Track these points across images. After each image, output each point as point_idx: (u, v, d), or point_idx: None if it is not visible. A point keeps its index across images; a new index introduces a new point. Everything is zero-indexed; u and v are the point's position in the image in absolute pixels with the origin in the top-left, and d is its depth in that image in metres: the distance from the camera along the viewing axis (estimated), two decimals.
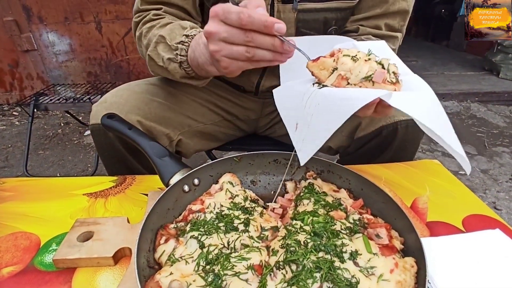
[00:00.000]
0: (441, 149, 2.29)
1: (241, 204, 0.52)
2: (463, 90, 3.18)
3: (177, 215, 0.54)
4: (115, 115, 0.67)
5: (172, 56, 0.65)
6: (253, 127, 1.06)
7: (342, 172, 0.60)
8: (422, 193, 0.65)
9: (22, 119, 2.82)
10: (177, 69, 0.66)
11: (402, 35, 0.81)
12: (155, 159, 0.58)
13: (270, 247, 0.46)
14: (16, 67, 2.90)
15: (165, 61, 0.67)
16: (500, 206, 1.69)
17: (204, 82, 0.72)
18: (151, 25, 0.72)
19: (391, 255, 0.42)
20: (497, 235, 0.54)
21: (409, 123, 0.74)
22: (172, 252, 0.44)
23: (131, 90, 0.80)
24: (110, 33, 2.73)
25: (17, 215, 0.62)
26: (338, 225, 0.46)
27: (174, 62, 0.66)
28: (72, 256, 0.49)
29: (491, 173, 2.00)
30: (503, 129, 2.61)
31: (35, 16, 2.64)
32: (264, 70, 0.88)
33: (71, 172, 2.07)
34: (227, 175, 0.59)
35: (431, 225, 0.58)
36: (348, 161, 0.85)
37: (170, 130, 0.81)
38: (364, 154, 0.81)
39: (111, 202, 0.65)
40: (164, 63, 0.67)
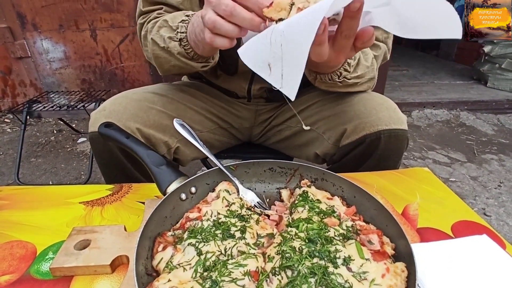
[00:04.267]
0: (432, 157, 2.33)
1: (237, 212, 0.53)
2: (453, 98, 3.26)
3: (174, 223, 0.54)
4: (112, 124, 0.68)
5: (173, 34, 0.68)
6: (247, 136, 1.08)
7: (336, 180, 0.61)
8: (412, 200, 0.67)
9: (14, 126, 2.79)
10: (176, 47, 0.68)
11: (387, 48, 0.83)
12: (152, 168, 0.59)
13: (266, 254, 0.47)
14: (9, 74, 2.89)
15: (166, 40, 0.70)
16: (489, 212, 1.73)
17: (204, 65, 0.73)
18: (156, 21, 0.75)
19: (382, 261, 0.43)
20: (484, 240, 0.56)
21: (391, 133, 0.76)
22: (170, 259, 0.45)
23: (130, 98, 0.81)
24: (105, 41, 2.74)
25: (12, 223, 0.62)
26: (331, 232, 0.48)
27: (174, 41, 0.68)
28: (69, 264, 0.49)
29: (480, 180, 2.04)
30: (492, 137, 2.67)
31: (30, 23, 2.64)
32: (253, 76, 0.90)
33: (64, 180, 2.05)
34: (223, 183, 0.60)
35: (422, 231, 0.60)
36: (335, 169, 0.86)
37: (168, 138, 0.82)
38: (349, 162, 0.83)
39: (108, 210, 0.66)
40: (165, 42, 0.70)
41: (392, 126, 0.76)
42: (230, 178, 0.62)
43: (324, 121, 0.86)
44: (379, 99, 0.81)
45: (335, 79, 0.73)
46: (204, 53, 0.68)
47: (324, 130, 0.86)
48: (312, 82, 0.80)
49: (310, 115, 0.90)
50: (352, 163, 0.83)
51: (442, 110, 3.11)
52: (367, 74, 0.78)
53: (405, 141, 0.79)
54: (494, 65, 3.54)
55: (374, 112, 0.77)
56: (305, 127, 0.79)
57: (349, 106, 0.81)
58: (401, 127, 0.77)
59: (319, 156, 0.90)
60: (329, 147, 0.85)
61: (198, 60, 0.71)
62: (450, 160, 2.29)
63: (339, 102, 0.83)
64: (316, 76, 0.76)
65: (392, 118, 0.77)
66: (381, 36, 0.81)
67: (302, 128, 0.92)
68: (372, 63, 0.78)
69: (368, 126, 0.76)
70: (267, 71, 0.46)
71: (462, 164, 2.23)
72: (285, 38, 0.43)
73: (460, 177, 2.07)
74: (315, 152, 0.90)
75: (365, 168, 0.81)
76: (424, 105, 3.17)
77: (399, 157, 0.82)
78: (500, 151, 2.41)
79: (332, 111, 0.84)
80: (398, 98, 3.30)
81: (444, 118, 3.00)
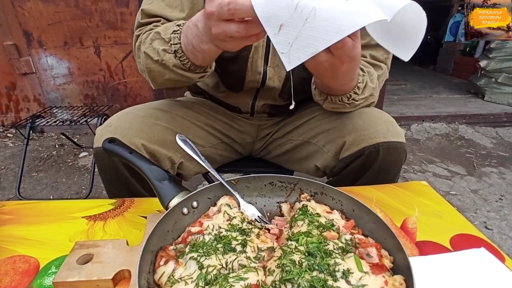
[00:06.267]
0: (431, 170, 2.34)
1: (238, 226, 0.54)
2: (451, 112, 3.29)
3: (176, 237, 0.55)
4: (116, 139, 0.70)
5: (167, 47, 0.67)
6: (248, 150, 1.09)
7: (335, 194, 0.62)
8: (411, 214, 0.68)
9: (16, 141, 2.82)
10: (171, 59, 0.67)
11: (387, 67, 0.86)
12: (155, 183, 0.60)
13: (266, 267, 0.47)
14: (13, 89, 2.94)
15: (160, 53, 0.68)
16: (491, 225, 1.72)
17: (202, 76, 0.73)
18: (149, 32, 0.74)
19: (381, 274, 0.44)
20: (482, 253, 0.56)
21: (390, 145, 0.77)
22: (172, 273, 0.46)
23: (135, 114, 0.83)
24: (109, 57, 2.80)
25: (15, 238, 0.62)
26: (331, 245, 0.48)
27: (168, 53, 0.67)
28: (72, 279, 0.49)
29: (481, 193, 2.04)
30: (491, 150, 2.69)
31: (35, 40, 2.71)
32: (258, 91, 0.93)
33: (65, 194, 2.05)
34: (224, 197, 0.61)
35: (420, 244, 0.60)
36: (335, 182, 0.88)
37: (172, 153, 0.83)
38: (348, 174, 0.84)
39: (110, 224, 0.66)
40: (159, 55, 0.69)
41: (390, 139, 0.77)
42: (231, 192, 0.63)
43: (324, 134, 0.88)
44: (377, 113, 0.83)
45: (345, 100, 0.76)
46: (204, 62, 0.68)
47: (324, 143, 0.87)
48: (320, 103, 0.83)
49: (310, 129, 0.92)
50: (351, 175, 0.84)
51: (441, 123, 3.14)
52: (372, 95, 0.81)
53: (403, 154, 0.80)
54: (490, 79, 3.59)
55: (372, 126, 0.79)
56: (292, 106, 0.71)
57: (348, 119, 0.83)
58: (399, 140, 0.79)
59: (319, 169, 0.91)
60: (329, 160, 0.86)
61: (195, 71, 0.71)
62: (450, 173, 2.30)
63: (338, 116, 0.85)
64: (326, 97, 0.78)
65: (390, 131, 0.79)
66: (382, 56, 0.84)
67: (303, 142, 0.94)
68: (376, 84, 0.81)
69: (367, 139, 0.78)
70: (275, 29, 0.44)
71: (462, 177, 2.23)
72: (314, 18, 0.41)
73: (461, 190, 2.07)
74: (315, 165, 0.91)
75: (364, 181, 0.82)
76: (423, 118, 3.20)
77: (397, 169, 0.83)
78: (500, 164, 2.42)
79: (332, 124, 0.86)
80: (397, 112, 3.33)
81: (443, 132, 3.02)
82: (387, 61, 0.86)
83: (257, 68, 0.85)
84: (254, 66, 0.85)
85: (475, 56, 4.39)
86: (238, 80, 0.88)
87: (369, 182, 0.81)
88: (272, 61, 0.85)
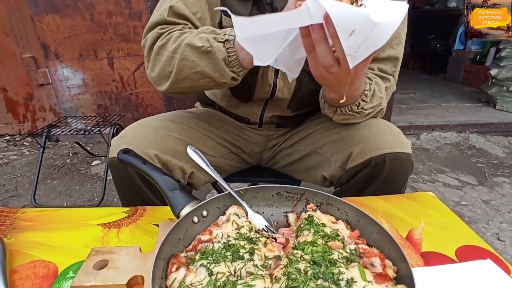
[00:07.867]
0: (442, 180, 2.31)
1: (246, 235, 0.56)
2: (461, 121, 3.25)
3: (187, 244, 0.58)
4: (130, 150, 0.73)
5: (218, 35, 0.67)
6: (257, 160, 1.12)
7: (340, 205, 0.64)
8: (417, 224, 0.68)
9: (32, 149, 2.91)
10: (220, 48, 0.66)
11: (394, 80, 0.88)
12: (167, 192, 0.63)
13: (273, 275, 0.49)
14: (30, 100, 3.05)
15: (210, 39, 0.67)
16: (503, 237, 1.69)
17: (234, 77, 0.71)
18: (186, 31, 0.73)
19: (384, 283, 0.45)
20: (488, 265, 0.57)
21: (396, 156, 0.78)
22: (183, 279, 0.48)
23: (148, 126, 0.86)
24: (121, 69, 2.89)
25: (36, 244, 0.66)
26: (335, 255, 0.50)
27: (218, 41, 0.66)
28: (89, 284, 0.52)
29: (493, 203, 2.00)
30: (503, 159, 2.64)
31: (52, 53, 2.83)
32: (267, 102, 0.96)
33: (78, 201, 2.10)
34: (233, 207, 0.64)
35: (426, 255, 0.61)
36: (342, 192, 0.89)
37: (183, 163, 0.86)
38: (355, 185, 0.85)
39: (124, 232, 0.69)
40: (208, 41, 0.67)
41: (397, 149, 0.79)
42: (240, 202, 0.65)
43: (331, 144, 0.89)
44: (383, 124, 0.85)
45: (354, 109, 0.77)
46: (246, 64, 0.68)
47: (331, 153, 0.89)
48: (330, 116, 0.84)
49: (317, 139, 0.94)
50: (358, 185, 0.85)
51: (451, 132, 3.10)
52: (380, 104, 0.82)
53: (409, 165, 0.81)
54: (501, 87, 3.55)
55: (379, 136, 0.80)
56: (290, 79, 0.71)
57: (354, 130, 0.85)
58: (406, 151, 0.79)
59: (327, 179, 0.92)
60: (336, 170, 0.87)
61: (233, 68, 0.69)
62: (461, 183, 2.27)
63: (345, 127, 0.87)
64: (336, 109, 0.80)
65: (396, 142, 0.80)
66: (390, 70, 0.86)
67: (310, 152, 0.96)
68: (384, 94, 0.83)
69: (374, 149, 0.79)
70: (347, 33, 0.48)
71: (473, 187, 2.20)
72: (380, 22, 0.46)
73: (472, 201, 2.04)
74: (322, 175, 0.92)
75: (371, 191, 0.83)
76: (433, 127, 3.17)
77: (404, 180, 0.84)
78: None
79: (339, 135, 0.88)
80: (406, 121, 3.31)
81: (453, 141, 2.99)
82: (394, 74, 0.87)
83: (268, 80, 0.88)
84: (265, 78, 0.88)
85: (486, 64, 4.34)
86: (248, 91, 0.91)
87: (376, 192, 0.82)
88: (282, 73, 0.88)
